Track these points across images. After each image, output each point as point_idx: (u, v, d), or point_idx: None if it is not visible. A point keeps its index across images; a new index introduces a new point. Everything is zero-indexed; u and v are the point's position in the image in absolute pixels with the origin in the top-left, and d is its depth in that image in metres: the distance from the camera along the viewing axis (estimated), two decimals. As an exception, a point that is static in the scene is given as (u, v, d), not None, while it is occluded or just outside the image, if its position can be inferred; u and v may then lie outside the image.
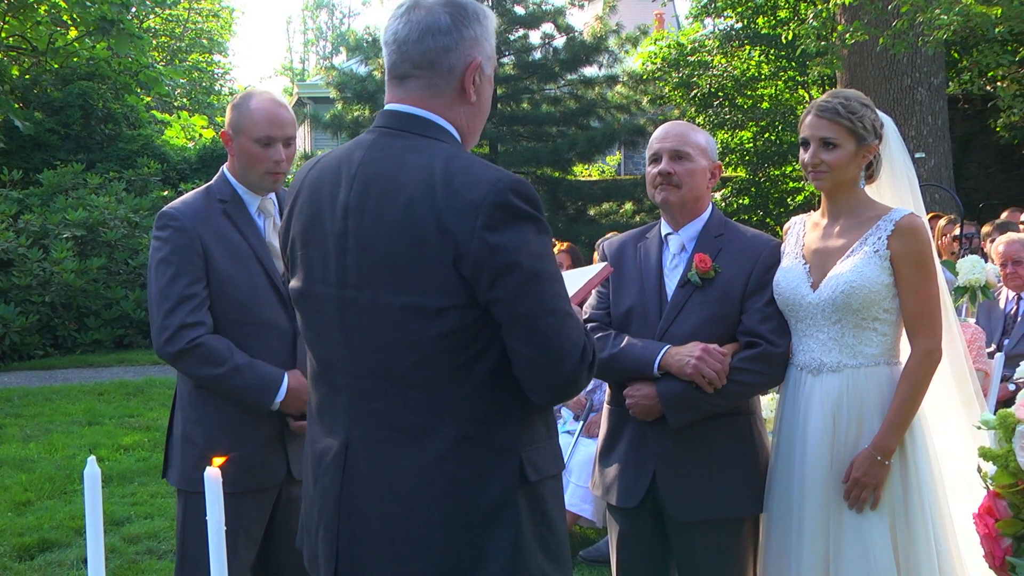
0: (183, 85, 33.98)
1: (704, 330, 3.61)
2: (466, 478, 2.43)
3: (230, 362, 3.57)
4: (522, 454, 2.48)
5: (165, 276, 3.63)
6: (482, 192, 2.37)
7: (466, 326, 2.41)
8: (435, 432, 2.44)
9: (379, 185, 2.48)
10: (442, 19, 2.52)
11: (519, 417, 2.50)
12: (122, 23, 17.00)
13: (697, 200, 3.77)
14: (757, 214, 21.65)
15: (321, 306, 2.57)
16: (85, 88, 20.20)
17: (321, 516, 2.58)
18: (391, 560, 2.47)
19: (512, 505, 2.45)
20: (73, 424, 10.41)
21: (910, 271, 3.51)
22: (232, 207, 3.76)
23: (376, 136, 2.59)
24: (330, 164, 2.64)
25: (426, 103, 2.56)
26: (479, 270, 2.36)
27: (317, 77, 30.97)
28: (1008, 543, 2.42)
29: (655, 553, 3.78)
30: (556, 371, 2.42)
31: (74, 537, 6.61)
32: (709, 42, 21.90)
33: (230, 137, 3.78)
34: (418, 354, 2.43)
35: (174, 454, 3.77)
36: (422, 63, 2.54)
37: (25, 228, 15.35)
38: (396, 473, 2.46)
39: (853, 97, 3.61)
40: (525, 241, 2.40)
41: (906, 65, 14.97)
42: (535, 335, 2.39)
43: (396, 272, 2.42)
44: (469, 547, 2.43)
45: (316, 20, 70.18)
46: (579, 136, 19.19)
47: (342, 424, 2.55)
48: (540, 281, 2.40)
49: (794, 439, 3.61)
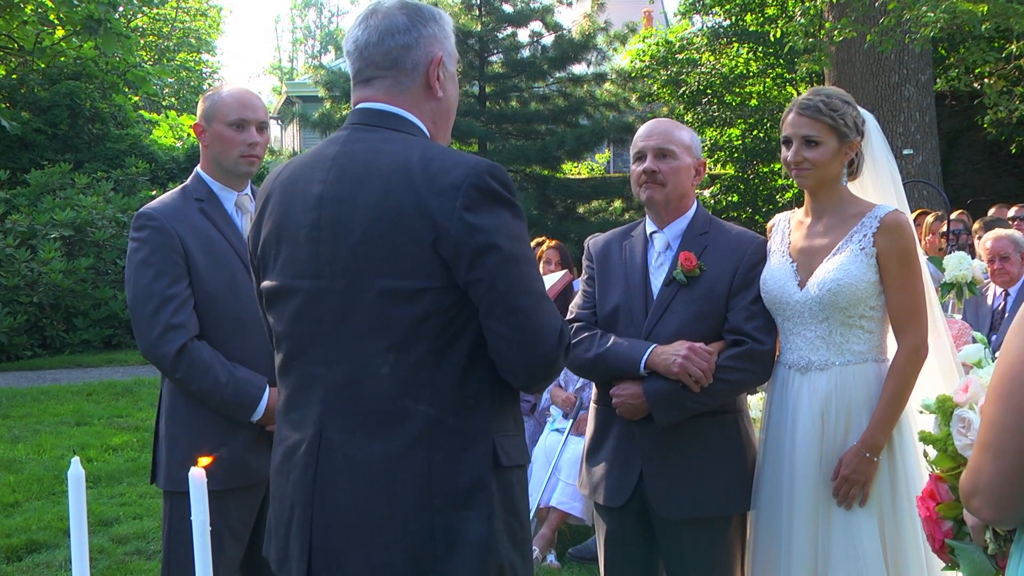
0: (171, 84, 33.91)
1: (690, 328, 3.61)
2: (439, 461, 2.45)
3: (212, 377, 3.57)
4: (494, 439, 2.51)
5: (145, 277, 3.62)
6: (461, 174, 2.43)
7: (443, 309, 2.44)
8: (409, 417, 2.46)
9: (355, 173, 2.53)
10: (399, 20, 2.60)
11: (492, 404, 2.53)
12: (109, 22, 16.92)
13: (682, 198, 3.77)
14: (746, 211, 21.68)
15: (294, 299, 2.59)
16: (72, 88, 20.13)
17: (294, 509, 2.57)
18: (364, 549, 2.47)
19: (485, 489, 2.48)
20: (61, 425, 10.38)
21: (896, 268, 3.52)
22: (209, 205, 3.76)
23: (350, 131, 2.65)
24: (302, 163, 2.69)
25: (394, 100, 2.62)
26: (459, 250, 2.40)
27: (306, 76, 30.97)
28: (949, 526, 2.45)
29: (643, 552, 3.78)
30: (534, 352, 2.47)
31: (62, 538, 6.59)
32: (697, 39, 21.91)
33: (203, 128, 3.79)
34: (394, 338, 2.45)
35: (160, 456, 3.76)
36: (385, 64, 2.61)
37: (12, 228, 15.28)
38: (369, 459, 2.47)
39: (834, 94, 3.62)
40: (504, 223, 2.46)
41: (893, 62, 15.01)
42: (514, 315, 2.43)
43: (373, 257, 2.46)
44: (443, 531, 2.44)
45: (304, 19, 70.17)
46: (568, 134, 19.18)
47: (315, 415, 2.55)
48: (518, 263, 2.46)
49: (783, 437, 3.62)
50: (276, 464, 2.69)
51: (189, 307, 3.62)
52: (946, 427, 2.53)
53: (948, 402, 2.54)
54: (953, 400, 2.54)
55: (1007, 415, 1.88)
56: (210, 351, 3.61)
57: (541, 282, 2.55)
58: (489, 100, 19.58)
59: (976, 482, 1.94)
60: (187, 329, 3.59)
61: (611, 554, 3.81)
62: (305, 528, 2.53)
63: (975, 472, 1.95)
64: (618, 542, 3.79)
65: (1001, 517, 1.96)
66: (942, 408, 2.55)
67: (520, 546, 2.57)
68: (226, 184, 3.81)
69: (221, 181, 3.81)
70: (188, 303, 3.62)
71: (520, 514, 2.59)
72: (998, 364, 1.95)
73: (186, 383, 3.59)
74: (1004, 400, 1.90)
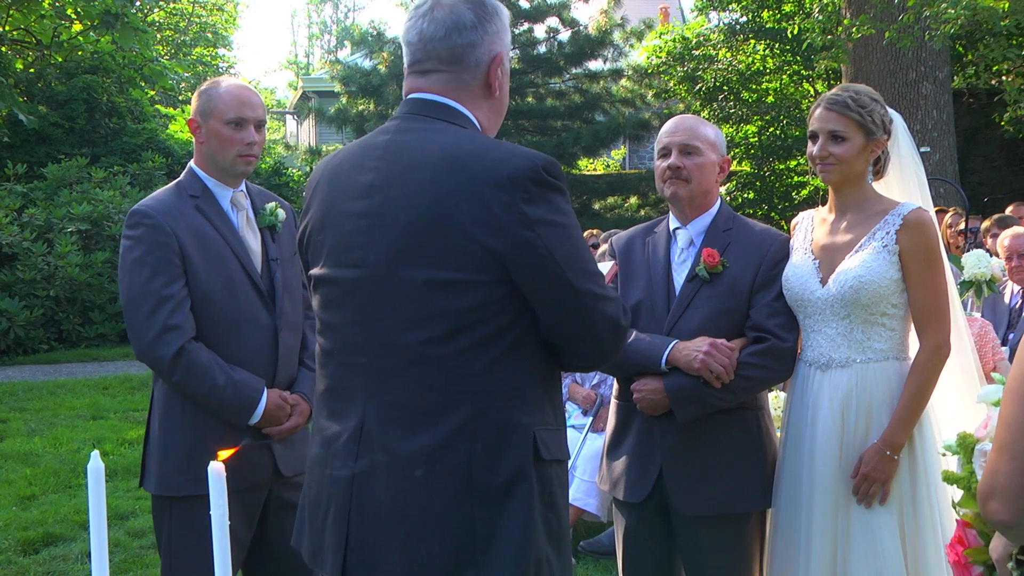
0: (187, 79, 33.91)
1: (712, 325, 3.60)
2: (480, 452, 2.43)
3: (210, 380, 3.49)
4: (535, 432, 2.48)
5: (141, 276, 3.51)
6: (519, 166, 2.42)
7: (488, 303, 2.42)
8: (451, 410, 2.43)
9: (405, 161, 2.50)
10: (466, 15, 2.56)
11: (533, 397, 2.51)
12: (126, 16, 16.99)
13: (706, 194, 3.76)
14: (762, 208, 21.66)
15: (337, 288, 2.57)
16: (89, 82, 20.18)
17: (331, 501, 2.55)
18: (402, 543, 2.45)
19: (526, 480, 2.44)
20: (77, 418, 10.42)
21: (919, 266, 3.50)
22: (204, 202, 3.67)
23: (401, 120, 2.61)
24: (352, 152, 2.67)
25: (451, 93, 2.59)
26: (517, 241, 2.39)
27: (322, 71, 30.97)
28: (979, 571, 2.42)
29: (661, 548, 3.77)
30: (599, 330, 2.51)
31: (78, 531, 6.61)
32: (714, 36, 21.89)
33: (198, 124, 3.70)
34: (438, 330, 2.43)
35: (151, 460, 3.65)
36: (449, 59, 2.58)
37: (29, 222, 15.34)
38: (410, 451, 2.44)
39: (863, 91, 3.60)
40: (561, 209, 2.46)
41: (911, 59, 14.96)
42: (578, 295, 2.45)
43: (418, 246, 2.43)
44: (482, 524, 2.41)
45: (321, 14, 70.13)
46: (584, 130, 19.19)
47: (358, 406, 2.53)
48: (575, 240, 2.48)
49: (803, 435, 3.60)
50: (315, 454, 2.66)
51: (186, 308, 3.52)
52: (969, 464, 2.50)
53: (969, 438, 2.52)
54: (974, 436, 2.51)
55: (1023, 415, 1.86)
56: (208, 353, 3.53)
57: (595, 263, 2.56)
58: (505, 96, 19.55)
59: (993, 484, 1.92)
60: (184, 331, 3.50)
61: (629, 550, 3.80)
62: (342, 521, 2.51)
63: (992, 474, 1.93)
64: (637, 538, 3.78)
65: (1018, 519, 1.92)
66: (963, 445, 2.52)
67: (557, 542, 2.53)
68: (222, 180, 3.72)
69: (216, 178, 3.72)
70: (185, 303, 3.52)
71: (558, 509, 2.55)
72: (1015, 364, 1.94)
73: (183, 386, 3.50)
74: (1021, 400, 1.88)
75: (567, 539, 2.62)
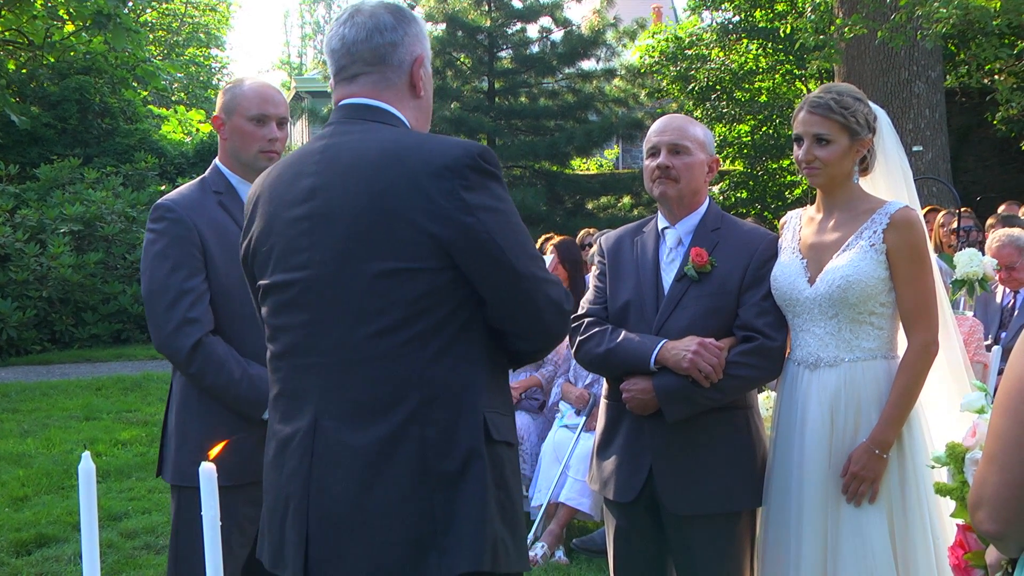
0: (180, 79, 33.87)
1: (700, 324, 3.61)
2: (433, 438, 2.48)
3: (227, 373, 3.54)
4: (485, 414, 2.54)
5: (162, 269, 3.58)
6: (457, 155, 2.50)
7: (435, 289, 2.48)
8: (403, 398, 2.48)
9: (344, 161, 2.57)
10: (386, 18, 2.69)
11: (483, 383, 2.57)
12: (119, 17, 16.96)
13: (695, 194, 3.77)
14: (755, 207, 21.66)
15: (287, 292, 2.61)
16: (82, 82, 20.17)
17: (289, 501, 2.57)
18: (363, 535, 2.47)
19: (479, 459, 2.50)
20: (70, 419, 10.40)
21: (906, 264, 3.50)
22: (228, 198, 3.73)
23: (336, 125, 2.69)
24: (289, 161, 2.73)
25: (379, 95, 2.68)
26: (458, 226, 2.46)
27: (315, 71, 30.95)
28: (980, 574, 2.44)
29: (652, 547, 3.77)
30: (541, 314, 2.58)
31: (71, 532, 6.60)
32: (707, 35, 21.92)
33: (222, 121, 3.77)
34: (388, 321, 2.48)
35: (168, 450, 3.73)
36: (373, 59, 2.68)
37: (22, 223, 15.33)
38: (364, 443, 2.48)
39: (845, 91, 3.60)
40: (499, 196, 2.55)
41: (904, 58, 14.98)
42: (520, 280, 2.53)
43: (365, 240, 2.49)
44: (441, 508, 2.46)
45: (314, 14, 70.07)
46: (577, 130, 19.19)
47: (310, 404, 2.56)
48: (514, 226, 2.56)
49: (792, 434, 3.61)
50: (270, 458, 2.69)
51: (205, 301, 3.59)
52: (960, 475, 2.52)
53: (958, 448, 2.54)
54: (963, 445, 2.53)
55: (1013, 428, 1.88)
56: (225, 347, 3.58)
57: (536, 248, 2.64)
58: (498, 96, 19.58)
59: (981, 495, 1.93)
60: (203, 324, 3.56)
61: (620, 549, 3.81)
62: (301, 519, 2.53)
63: (980, 484, 1.94)
64: (627, 537, 3.79)
65: (1005, 530, 1.93)
66: (953, 455, 2.54)
67: (511, 525, 2.57)
68: (245, 177, 3.77)
69: (240, 174, 3.78)
70: (204, 297, 3.59)
71: (511, 492, 2.60)
72: (1005, 376, 1.95)
73: (200, 378, 3.57)
74: (1010, 413, 1.89)
75: (521, 524, 2.67)
